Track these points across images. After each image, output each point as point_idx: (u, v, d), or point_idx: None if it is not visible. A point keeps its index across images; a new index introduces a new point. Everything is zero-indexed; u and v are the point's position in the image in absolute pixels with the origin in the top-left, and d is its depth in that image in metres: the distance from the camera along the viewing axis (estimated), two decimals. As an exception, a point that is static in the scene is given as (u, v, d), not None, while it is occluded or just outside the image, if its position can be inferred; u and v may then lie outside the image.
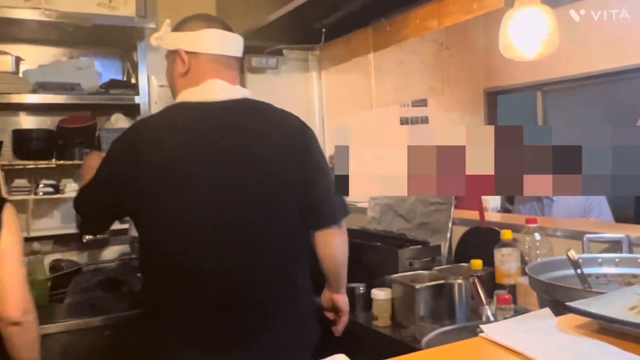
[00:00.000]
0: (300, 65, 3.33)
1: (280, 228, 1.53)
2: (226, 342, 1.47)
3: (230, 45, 1.61)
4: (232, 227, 1.48)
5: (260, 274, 1.50)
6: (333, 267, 1.67)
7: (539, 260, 1.49)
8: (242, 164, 1.49)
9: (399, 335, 1.77)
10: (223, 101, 1.54)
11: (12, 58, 2.48)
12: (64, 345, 2.13)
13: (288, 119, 1.61)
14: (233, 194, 1.48)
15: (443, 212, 2.33)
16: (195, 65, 1.57)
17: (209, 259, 1.47)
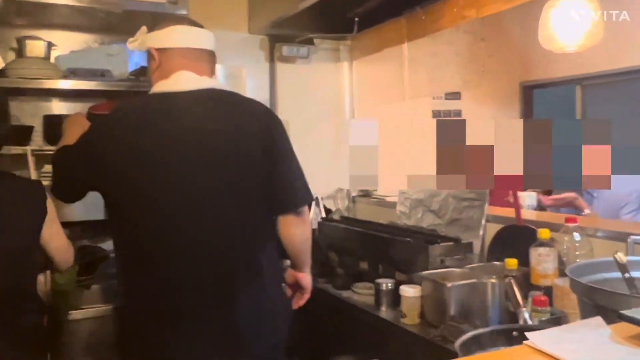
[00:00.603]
0: (332, 55, 3.27)
1: (242, 209, 1.59)
2: (196, 320, 1.54)
3: (197, 39, 1.71)
4: (197, 208, 1.55)
5: (225, 254, 1.57)
6: (292, 250, 1.73)
7: (581, 262, 1.42)
8: (206, 149, 1.57)
9: (428, 335, 1.71)
10: (190, 91, 1.62)
11: (44, 44, 2.48)
12: (89, 331, 2.14)
13: (252, 107, 1.68)
14: (198, 178, 1.56)
15: (476, 209, 2.26)
16: (165, 60, 1.67)
17: (174, 240, 1.56)
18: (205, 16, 2.89)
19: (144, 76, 2.59)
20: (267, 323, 1.61)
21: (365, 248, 2.35)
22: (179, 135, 1.57)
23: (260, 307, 1.60)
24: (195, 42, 1.70)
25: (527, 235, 1.94)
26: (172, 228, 1.56)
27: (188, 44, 1.68)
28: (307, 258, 1.79)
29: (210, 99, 1.64)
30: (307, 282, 1.82)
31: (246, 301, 1.57)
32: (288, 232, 1.68)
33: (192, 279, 1.56)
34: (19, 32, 2.52)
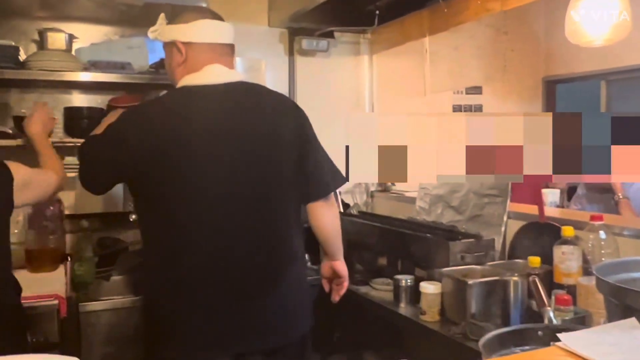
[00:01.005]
0: (352, 49, 3.24)
1: (280, 197, 1.64)
2: (242, 306, 1.57)
3: (222, 34, 1.73)
4: (237, 198, 1.59)
5: (268, 241, 1.62)
6: (325, 237, 1.77)
7: (608, 261, 1.38)
8: (244, 141, 1.60)
9: (449, 332, 1.69)
10: (222, 84, 1.65)
11: (65, 36, 2.49)
12: (108, 323, 2.15)
13: (283, 100, 1.77)
14: (237, 169, 1.59)
15: (498, 205, 2.22)
16: (192, 54, 1.68)
17: (216, 232, 1.57)
18: (225, 9, 2.87)
19: (163, 69, 2.59)
20: (306, 305, 1.69)
21: (384, 244, 2.32)
22: (220, 127, 1.60)
23: (300, 290, 1.68)
24: (222, 37, 1.72)
25: (550, 233, 1.91)
26: (217, 218, 1.57)
27: (216, 39, 1.70)
28: (340, 244, 1.82)
29: (245, 91, 1.69)
30: (344, 269, 1.84)
31: (289, 285, 1.63)
32: (320, 219, 1.73)
33: (237, 267, 1.57)
34: (40, 24, 2.53)
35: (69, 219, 2.55)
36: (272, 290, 1.60)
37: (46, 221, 2.31)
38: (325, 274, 1.87)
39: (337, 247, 1.81)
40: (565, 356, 0.64)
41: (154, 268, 1.63)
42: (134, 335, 2.16)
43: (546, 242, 1.83)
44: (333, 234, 1.78)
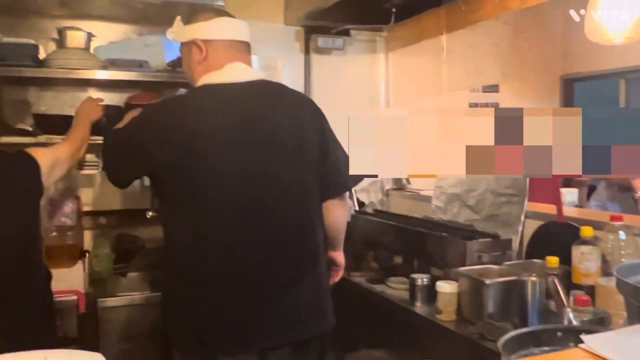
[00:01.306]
0: (368, 47, 3.23)
1: (304, 196, 1.66)
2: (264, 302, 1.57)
3: (240, 31, 1.73)
4: (260, 196, 1.59)
5: (292, 239, 1.63)
6: (333, 232, 1.81)
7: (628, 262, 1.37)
8: (270, 138, 1.61)
9: (465, 332, 1.68)
10: (244, 82, 1.66)
11: (84, 34, 2.51)
12: (126, 319, 2.17)
13: (303, 98, 1.80)
14: (265, 166, 1.59)
15: (515, 204, 2.21)
16: (212, 51, 1.68)
17: (237, 230, 1.56)
18: (242, 7, 2.89)
19: (180, 67, 2.60)
20: (327, 303, 1.70)
21: (399, 242, 2.32)
22: (242, 125, 1.60)
23: (320, 288, 1.68)
24: (240, 34, 1.73)
25: (569, 233, 1.88)
26: (238, 217, 1.57)
27: (234, 36, 1.70)
28: (343, 239, 1.90)
29: (267, 89, 1.70)
30: (342, 259, 1.91)
31: (309, 284, 1.63)
32: (333, 215, 1.76)
33: (258, 265, 1.57)
34: (59, 23, 2.55)
35: (87, 216, 2.58)
36: (293, 288, 1.60)
37: (65, 217, 2.33)
38: (331, 259, 1.91)
39: (340, 240, 1.88)
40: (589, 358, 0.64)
41: (175, 266, 1.63)
42: (151, 331, 2.18)
43: (565, 243, 1.81)
44: (341, 230, 1.85)
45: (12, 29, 2.50)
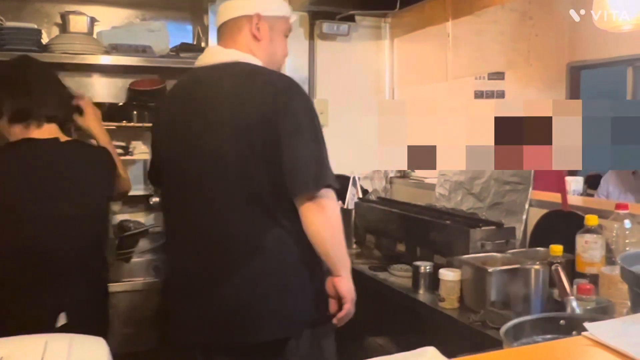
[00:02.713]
0: (373, 33, 3.20)
1: (231, 191, 1.52)
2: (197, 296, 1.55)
3: (224, 11, 1.67)
4: (191, 190, 1.57)
5: (219, 231, 1.54)
6: (315, 244, 1.51)
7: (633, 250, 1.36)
8: (209, 122, 1.54)
9: (468, 320, 1.67)
10: (211, 65, 1.63)
11: (87, 19, 2.50)
12: (129, 304, 2.18)
13: (267, 81, 1.54)
14: (203, 151, 1.54)
15: (519, 193, 2.20)
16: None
17: (183, 215, 1.60)
18: (246, -8, 2.88)
19: (184, 52, 2.60)
20: (283, 306, 1.52)
21: (403, 230, 2.31)
22: (182, 114, 1.61)
23: (269, 288, 1.51)
24: (223, 15, 1.68)
25: (573, 222, 1.87)
26: (182, 202, 1.61)
27: (220, 20, 1.69)
28: (338, 257, 1.56)
29: (227, 73, 1.59)
30: (343, 288, 1.57)
31: (247, 281, 1.50)
32: (306, 221, 1.49)
33: (193, 256, 1.59)
34: (62, 7, 2.54)
35: (91, 202, 2.58)
36: (224, 286, 1.51)
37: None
38: (328, 291, 1.60)
39: (332, 259, 1.55)
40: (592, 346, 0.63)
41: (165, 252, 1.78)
42: (153, 316, 2.18)
43: (569, 231, 1.80)
44: (322, 242, 1.52)
45: (15, 13, 2.49)
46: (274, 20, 1.67)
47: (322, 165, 1.49)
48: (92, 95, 2.63)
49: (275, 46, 1.69)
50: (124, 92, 2.67)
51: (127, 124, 2.50)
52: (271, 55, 1.67)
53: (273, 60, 1.69)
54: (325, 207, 1.49)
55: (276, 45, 1.69)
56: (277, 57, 1.71)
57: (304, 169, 1.46)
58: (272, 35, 1.67)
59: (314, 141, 1.49)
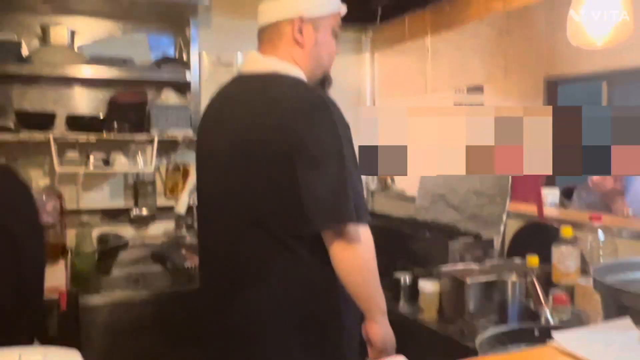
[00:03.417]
0: (354, 46, 3.24)
1: (249, 212, 1.40)
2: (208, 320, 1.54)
3: (265, 13, 1.53)
4: (213, 203, 1.51)
5: (228, 255, 1.46)
6: (347, 287, 1.37)
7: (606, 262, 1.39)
8: (227, 142, 1.45)
9: (446, 331, 1.69)
10: (252, 74, 1.50)
11: (68, 31, 2.50)
12: (108, 317, 2.16)
13: (293, 97, 1.40)
14: (217, 170, 1.49)
15: (497, 205, 2.23)
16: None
17: (203, 235, 1.58)
18: (228, 6, 2.90)
19: (166, 65, 2.61)
20: (263, 332, 1.40)
21: (383, 242, 2.31)
22: (217, 127, 1.52)
23: (255, 314, 1.41)
24: (263, 18, 1.53)
25: (549, 233, 1.91)
26: (203, 218, 1.59)
27: (260, 23, 1.54)
28: (370, 301, 1.40)
29: (260, 86, 1.45)
30: (375, 335, 1.41)
31: (246, 308, 1.42)
32: (334, 260, 1.35)
33: (209, 274, 1.57)
34: (42, 19, 2.53)
35: (71, 214, 2.56)
36: (228, 308, 1.46)
37: (46, 216, 2.32)
38: (364, 335, 1.45)
39: (365, 305, 1.40)
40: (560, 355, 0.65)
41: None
42: (133, 329, 2.17)
43: (545, 242, 1.83)
44: (351, 281, 1.37)
45: (-5, 24, 2.48)
46: (319, 21, 1.50)
47: (342, 199, 1.31)
48: (73, 107, 2.64)
49: (321, 49, 1.52)
50: (105, 104, 2.65)
51: (107, 136, 2.48)
52: (316, 59, 1.52)
53: (319, 65, 1.54)
54: (353, 245, 1.33)
55: (321, 48, 1.52)
56: (322, 61, 1.54)
57: (320, 204, 1.31)
58: (318, 37, 1.50)
59: (337, 173, 1.32)
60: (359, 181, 1.39)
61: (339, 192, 1.31)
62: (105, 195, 2.73)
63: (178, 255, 2.54)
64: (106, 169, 2.52)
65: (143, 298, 2.21)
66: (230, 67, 2.86)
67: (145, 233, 2.77)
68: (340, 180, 1.32)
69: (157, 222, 2.78)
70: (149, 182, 2.74)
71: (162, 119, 2.53)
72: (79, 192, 2.68)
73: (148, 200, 2.72)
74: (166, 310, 2.21)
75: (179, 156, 2.82)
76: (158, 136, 2.52)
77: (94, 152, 2.53)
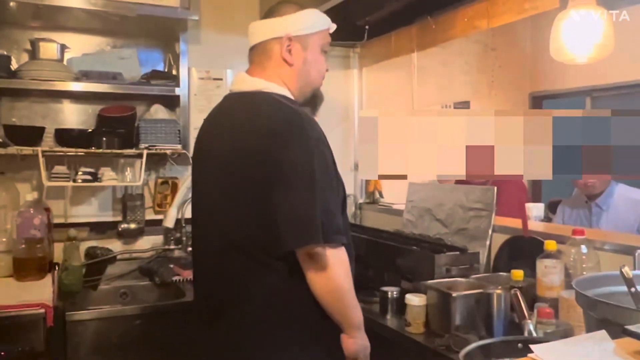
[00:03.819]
0: (342, 62, 3.28)
1: (234, 234, 1.41)
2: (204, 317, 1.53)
3: (250, 35, 1.56)
4: (204, 222, 1.54)
5: (215, 274, 1.48)
6: (323, 306, 1.40)
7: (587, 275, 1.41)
8: (210, 162, 1.50)
9: (433, 344, 1.70)
10: (239, 92, 1.53)
11: (57, 46, 2.51)
12: (95, 332, 2.15)
13: (270, 117, 1.40)
14: (208, 187, 1.51)
15: (483, 219, 2.26)
16: None
17: (199, 247, 1.59)
18: (217, 22, 2.93)
19: (155, 80, 2.62)
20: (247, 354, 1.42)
21: (371, 255, 2.35)
22: (207, 145, 1.56)
23: (242, 332, 1.42)
24: (253, 37, 1.55)
25: (534, 247, 1.94)
26: (194, 236, 1.64)
27: (251, 42, 1.56)
28: (345, 318, 1.42)
29: (244, 104, 1.48)
30: (348, 347, 1.45)
31: (232, 325, 1.43)
32: (308, 280, 1.37)
33: (198, 292, 1.60)
34: (32, 34, 2.55)
35: (58, 228, 2.55)
36: (214, 328, 1.47)
37: (34, 230, 2.31)
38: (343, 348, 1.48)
39: (341, 321, 1.43)
40: (538, 367, 0.67)
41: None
42: (120, 345, 2.16)
43: (530, 256, 1.86)
44: (330, 306, 1.40)
45: (-16, 39, 2.48)
46: (308, 39, 1.52)
47: (310, 221, 1.31)
48: (62, 121, 2.64)
49: (310, 67, 1.53)
50: (94, 118, 2.66)
51: (96, 150, 2.48)
52: (305, 78, 1.54)
53: (308, 83, 1.55)
54: (323, 266, 1.35)
55: (311, 66, 1.54)
56: (312, 79, 1.56)
57: (289, 225, 1.32)
58: (307, 56, 1.52)
59: (306, 195, 1.32)
60: (334, 202, 1.40)
61: (307, 214, 1.32)
62: (94, 209, 2.73)
63: (166, 270, 2.54)
64: (95, 183, 2.51)
65: (131, 313, 2.20)
66: (219, 82, 2.89)
67: (134, 247, 2.76)
68: (309, 203, 1.32)
69: (146, 236, 2.78)
70: (137, 196, 2.74)
71: (151, 134, 2.55)
72: (67, 206, 2.67)
73: (136, 214, 2.72)
74: (154, 325, 2.20)
75: (168, 170, 2.83)
76: (147, 150, 2.53)
77: (82, 166, 2.53)
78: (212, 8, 2.91)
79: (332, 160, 1.43)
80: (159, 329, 2.20)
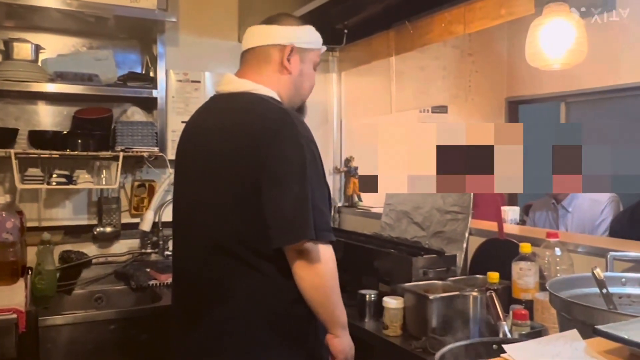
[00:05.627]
0: (321, 66, 3.26)
1: (217, 229, 1.43)
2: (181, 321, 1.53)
3: (246, 40, 1.61)
4: (185, 220, 1.56)
5: (196, 273, 1.48)
6: (309, 302, 1.41)
7: (560, 277, 1.44)
8: (198, 158, 1.52)
9: (410, 346, 1.71)
10: (226, 93, 1.56)
11: (31, 46, 2.47)
12: (69, 337, 2.12)
13: (260, 115, 1.44)
14: (192, 187, 1.53)
15: (460, 222, 2.28)
16: None
17: (180, 248, 1.59)
18: (196, 24, 2.92)
19: (132, 81, 2.60)
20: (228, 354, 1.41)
21: (349, 259, 2.35)
22: (193, 142, 1.58)
23: (222, 334, 1.42)
24: (252, 40, 1.59)
25: (509, 249, 1.96)
26: (174, 236, 1.62)
27: (248, 45, 1.60)
28: (330, 316, 1.44)
29: (233, 104, 1.51)
30: (334, 346, 1.46)
31: (212, 326, 1.43)
32: (295, 277, 1.38)
33: (177, 295, 1.60)
34: (6, 34, 2.50)
35: (31, 231, 2.51)
36: (193, 329, 1.47)
37: (6, 233, 2.26)
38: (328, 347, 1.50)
39: (323, 315, 1.43)
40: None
41: None
42: (94, 350, 2.13)
43: (506, 258, 1.88)
44: (311, 297, 1.40)
45: (-44, 39, 2.43)
46: (306, 53, 1.59)
47: (302, 217, 1.33)
48: (36, 122, 2.60)
49: (304, 79, 1.60)
50: (69, 120, 2.62)
51: (71, 153, 2.44)
52: (298, 88, 1.60)
53: (298, 93, 1.62)
54: (313, 263, 1.36)
55: (305, 79, 1.60)
56: (303, 91, 1.63)
57: (280, 222, 1.34)
58: (303, 68, 1.58)
59: (298, 192, 1.34)
60: (322, 200, 1.43)
61: (300, 210, 1.34)
62: (69, 212, 2.69)
63: (142, 274, 2.51)
64: (69, 186, 2.48)
65: (106, 317, 2.17)
66: (197, 84, 2.87)
67: (109, 251, 2.73)
68: (301, 199, 1.34)
69: (122, 240, 2.75)
70: (113, 199, 2.71)
71: (128, 136, 2.52)
72: (40, 209, 2.63)
73: (112, 218, 2.69)
74: (129, 329, 2.17)
75: (145, 173, 2.80)
76: (123, 153, 2.50)
77: (57, 168, 2.49)
78: (190, 10, 2.90)
79: (320, 160, 1.46)
80: (135, 334, 2.17)
